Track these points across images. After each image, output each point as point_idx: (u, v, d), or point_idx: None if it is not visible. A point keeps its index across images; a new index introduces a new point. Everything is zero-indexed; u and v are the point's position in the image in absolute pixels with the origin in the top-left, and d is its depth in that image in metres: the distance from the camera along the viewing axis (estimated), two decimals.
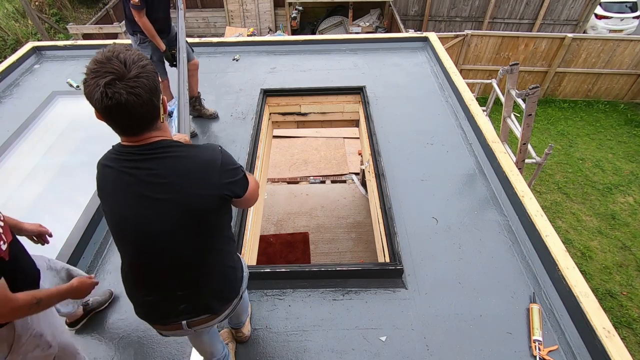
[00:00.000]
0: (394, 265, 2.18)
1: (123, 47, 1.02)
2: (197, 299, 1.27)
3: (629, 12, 10.60)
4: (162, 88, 3.15)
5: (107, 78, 0.92)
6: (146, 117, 1.03)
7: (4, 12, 10.34)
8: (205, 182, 1.11)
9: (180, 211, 1.10)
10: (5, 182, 2.81)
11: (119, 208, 1.12)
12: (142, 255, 1.17)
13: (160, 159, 1.07)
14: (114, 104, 0.94)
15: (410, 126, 3.30)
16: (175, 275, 1.22)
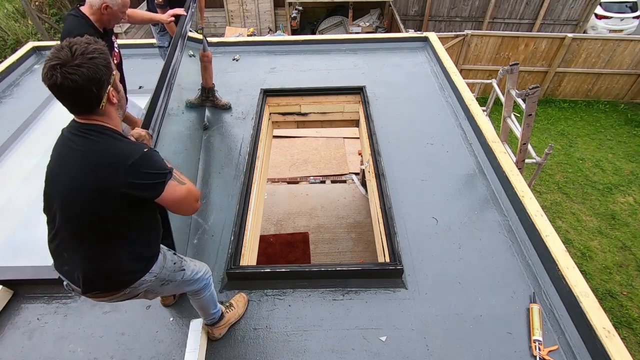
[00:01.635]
0: (394, 265, 2.18)
1: (85, 40, 1.17)
2: (74, 269, 1.34)
3: (629, 12, 10.60)
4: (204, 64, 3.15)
5: (52, 62, 1.11)
6: (80, 101, 1.18)
7: (4, 12, 10.34)
8: (106, 174, 1.19)
9: (78, 189, 1.22)
10: (5, 182, 2.81)
11: (50, 164, 1.30)
12: (49, 206, 1.31)
13: (84, 138, 1.22)
14: (52, 84, 1.11)
15: (410, 126, 3.30)
16: (66, 241, 1.33)
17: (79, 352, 1.89)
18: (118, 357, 1.87)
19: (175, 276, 1.55)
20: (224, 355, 1.88)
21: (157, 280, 1.47)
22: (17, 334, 1.97)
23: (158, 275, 1.46)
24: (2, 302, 2.06)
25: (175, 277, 1.55)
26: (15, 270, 2.14)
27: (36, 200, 2.70)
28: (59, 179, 1.25)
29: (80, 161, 1.21)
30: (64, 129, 1.28)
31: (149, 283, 1.44)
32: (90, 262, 1.33)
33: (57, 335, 1.96)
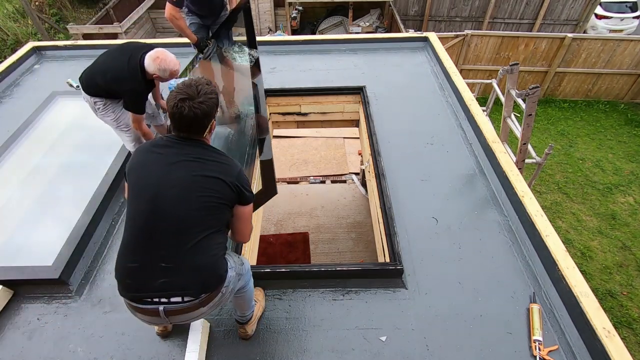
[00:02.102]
0: (394, 265, 2.18)
1: (205, 81, 1.45)
2: (176, 276, 1.34)
3: (629, 12, 10.60)
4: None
5: (182, 96, 1.38)
6: (194, 127, 1.44)
7: (4, 12, 10.34)
8: (224, 170, 1.44)
9: (198, 181, 1.38)
10: (6, 182, 2.81)
11: (149, 174, 1.41)
12: (153, 214, 1.35)
13: (190, 147, 1.45)
14: (177, 112, 1.39)
15: (410, 126, 3.30)
16: (169, 244, 1.34)
17: (79, 352, 1.89)
18: (118, 357, 1.87)
19: (242, 269, 1.60)
20: (224, 355, 1.88)
21: (236, 275, 1.52)
22: (17, 334, 1.97)
23: (235, 268, 1.51)
24: (2, 302, 2.06)
25: (242, 270, 1.60)
26: (15, 270, 2.14)
27: (36, 200, 2.70)
28: (173, 177, 1.38)
29: (194, 162, 1.41)
30: (163, 140, 1.47)
31: (233, 278, 1.49)
32: (199, 256, 1.35)
33: (57, 335, 1.96)
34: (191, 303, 1.36)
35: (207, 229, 1.38)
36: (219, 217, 1.43)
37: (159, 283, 1.33)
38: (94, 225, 2.45)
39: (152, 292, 1.34)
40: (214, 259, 1.41)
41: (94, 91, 2.44)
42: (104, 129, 3.38)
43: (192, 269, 1.35)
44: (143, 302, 1.35)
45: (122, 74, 2.27)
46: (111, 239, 2.44)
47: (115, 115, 2.53)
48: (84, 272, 2.25)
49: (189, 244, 1.34)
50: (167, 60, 2.27)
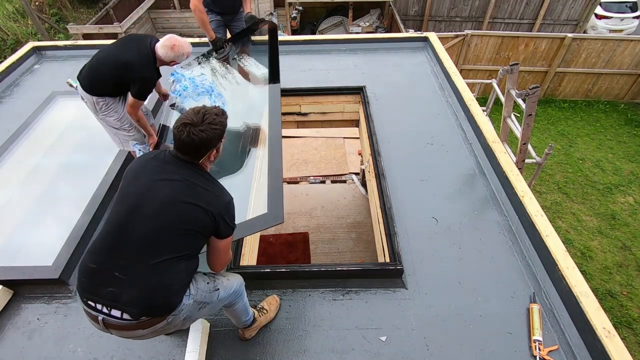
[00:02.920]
0: (394, 265, 2.18)
1: (215, 111, 1.48)
2: (125, 289, 1.30)
3: (629, 12, 10.59)
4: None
5: (186, 121, 1.42)
6: (190, 153, 1.46)
7: (4, 12, 10.34)
8: (210, 199, 1.42)
9: (180, 202, 1.38)
10: (6, 182, 2.81)
11: (137, 182, 1.43)
12: (127, 220, 1.35)
13: (185, 169, 1.46)
14: (177, 135, 1.42)
15: (410, 126, 3.30)
16: (131, 255, 1.32)
17: (79, 352, 1.89)
18: (118, 357, 1.87)
19: (212, 297, 1.53)
20: (224, 355, 1.88)
21: (195, 304, 1.45)
22: (17, 334, 1.97)
23: (195, 296, 1.44)
24: (2, 302, 2.06)
25: (211, 298, 1.53)
26: (15, 270, 2.14)
27: (36, 200, 2.70)
28: (157, 192, 1.38)
29: (182, 184, 1.41)
30: (167, 154, 1.50)
31: (188, 307, 1.42)
32: (154, 277, 1.31)
33: (57, 335, 1.96)
34: (128, 322, 1.31)
35: (173, 252, 1.35)
36: (190, 244, 1.40)
37: (107, 291, 1.30)
38: (94, 225, 2.44)
39: (98, 298, 1.31)
40: (169, 284, 1.34)
41: (98, 88, 2.41)
42: (104, 128, 3.39)
43: (142, 288, 1.31)
44: (88, 305, 1.33)
45: (134, 61, 2.29)
46: None
47: (119, 115, 2.53)
48: None
49: (149, 262, 1.31)
50: (183, 45, 2.36)
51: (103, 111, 2.49)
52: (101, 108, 2.48)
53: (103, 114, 2.51)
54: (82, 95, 2.48)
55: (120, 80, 2.37)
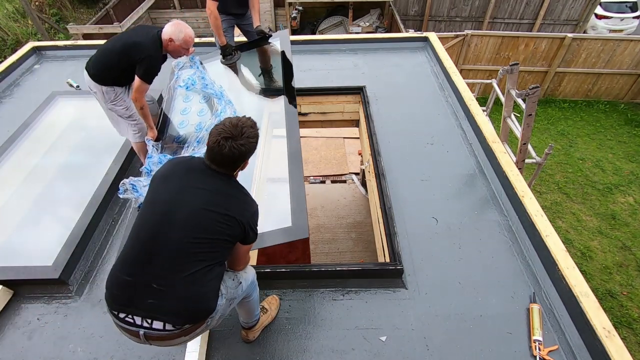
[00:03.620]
0: (394, 265, 2.18)
1: (250, 124, 1.48)
2: (165, 300, 1.30)
3: (629, 12, 10.59)
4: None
5: (226, 135, 1.41)
6: (227, 165, 1.47)
7: (4, 12, 10.34)
8: (239, 209, 1.44)
9: (212, 212, 1.38)
10: (6, 182, 2.81)
11: (172, 187, 1.43)
12: (160, 229, 1.34)
13: (217, 179, 1.47)
14: (217, 148, 1.41)
15: (410, 126, 3.30)
16: (167, 264, 1.31)
17: (79, 352, 1.89)
18: (118, 357, 1.87)
19: (237, 291, 1.56)
20: (224, 355, 1.88)
21: (227, 302, 1.49)
22: (17, 334, 1.97)
23: (226, 295, 1.47)
24: (2, 302, 2.06)
25: (237, 292, 1.56)
26: (15, 270, 2.14)
27: (36, 200, 2.70)
28: (190, 201, 1.39)
29: (215, 194, 1.43)
30: (196, 162, 1.51)
31: (222, 307, 1.45)
32: (192, 286, 1.32)
33: (57, 335, 1.96)
34: (171, 333, 1.32)
35: (207, 260, 1.36)
36: (222, 251, 1.43)
37: (147, 302, 1.30)
38: (94, 225, 2.45)
39: (137, 310, 1.30)
40: (206, 291, 1.36)
41: (106, 74, 2.44)
42: (104, 129, 3.38)
43: (182, 298, 1.31)
44: (125, 322, 1.32)
45: (142, 41, 2.36)
46: (111, 239, 2.44)
47: (126, 104, 2.57)
48: (84, 272, 2.25)
49: (185, 272, 1.31)
50: (185, 26, 2.43)
51: (112, 101, 2.53)
52: (110, 98, 2.51)
53: (112, 104, 2.55)
54: (90, 86, 2.50)
55: (127, 62, 2.39)
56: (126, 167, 2.88)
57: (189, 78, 3.16)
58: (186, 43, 2.42)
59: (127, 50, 2.36)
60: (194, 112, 3.00)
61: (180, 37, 2.38)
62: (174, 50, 2.45)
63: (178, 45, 2.41)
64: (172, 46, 2.42)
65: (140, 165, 2.97)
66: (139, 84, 2.41)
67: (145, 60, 2.36)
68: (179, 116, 2.99)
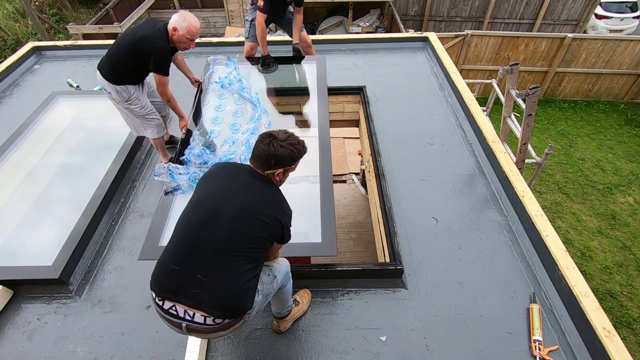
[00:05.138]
0: (394, 265, 2.18)
1: (301, 140, 1.59)
2: (208, 292, 1.36)
3: (629, 12, 10.59)
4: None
5: (270, 132, 1.55)
6: (263, 161, 1.52)
7: (4, 12, 10.34)
8: (277, 209, 1.51)
9: (255, 211, 1.45)
10: (6, 182, 2.81)
11: (219, 186, 1.52)
12: (206, 225, 1.41)
13: (259, 180, 1.54)
14: (258, 143, 1.53)
15: (410, 126, 3.30)
16: (211, 260, 1.37)
17: (79, 352, 1.89)
18: (118, 357, 1.87)
19: (273, 286, 1.60)
20: (224, 355, 1.88)
21: (263, 298, 1.53)
22: (17, 334, 1.97)
23: (262, 292, 1.52)
24: (2, 302, 2.06)
25: (273, 287, 1.60)
26: (15, 270, 2.14)
27: (36, 200, 2.70)
28: (235, 200, 1.46)
29: (258, 194, 1.50)
30: (241, 166, 1.62)
31: (259, 303, 1.50)
32: (234, 281, 1.38)
33: (57, 335, 1.96)
34: (211, 327, 1.39)
35: (248, 259, 1.42)
36: (262, 250, 1.48)
37: (192, 292, 1.35)
38: (94, 225, 2.45)
39: (182, 298, 1.36)
40: (246, 289, 1.42)
41: (118, 72, 2.44)
42: (104, 129, 3.38)
43: (224, 292, 1.37)
44: (169, 313, 1.39)
45: (149, 33, 2.37)
46: (111, 239, 2.44)
47: (141, 103, 2.59)
48: (84, 272, 2.25)
49: (227, 268, 1.38)
50: (190, 15, 2.42)
51: (127, 100, 2.53)
52: (124, 97, 2.51)
53: (127, 103, 2.55)
54: (104, 86, 2.50)
55: (135, 56, 2.40)
56: (126, 167, 2.88)
57: (225, 77, 3.18)
58: (190, 33, 2.40)
59: (134, 45, 2.37)
60: (228, 111, 3.03)
61: (183, 26, 2.36)
62: (178, 41, 2.43)
63: (182, 35, 2.39)
64: (176, 36, 2.40)
65: (149, 162, 2.98)
66: (158, 78, 2.48)
67: (152, 53, 2.37)
68: (212, 112, 3.01)
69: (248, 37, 3.68)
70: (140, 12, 10.01)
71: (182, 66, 2.94)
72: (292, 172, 1.65)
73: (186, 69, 3.00)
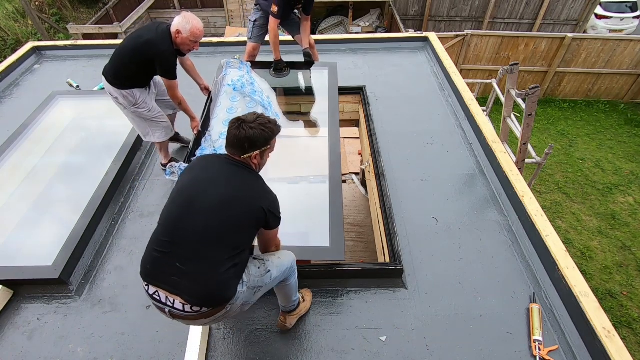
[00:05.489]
0: (394, 265, 2.18)
1: (272, 119, 1.58)
2: (185, 280, 1.38)
3: (629, 12, 10.59)
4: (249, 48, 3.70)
5: (239, 117, 1.55)
6: (237, 147, 1.52)
7: (4, 12, 10.34)
8: (259, 194, 1.52)
9: (234, 198, 1.46)
10: (6, 182, 2.81)
11: (196, 176, 1.54)
12: (185, 214, 1.44)
13: (236, 167, 1.54)
14: (230, 129, 1.53)
15: (410, 126, 3.30)
16: (190, 247, 1.40)
17: (79, 352, 1.89)
18: (118, 357, 1.87)
19: (264, 280, 1.59)
20: (224, 355, 1.88)
21: (249, 290, 1.52)
22: (17, 334, 1.97)
23: (248, 283, 1.51)
24: (2, 302, 2.06)
25: (264, 281, 1.58)
26: (15, 270, 2.14)
27: (36, 200, 2.70)
28: (212, 189, 1.47)
29: (236, 181, 1.51)
30: (217, 155, 1.64)
31: (243, 294, 1.49)
32: (211, 271, 1.38)
33: (57, 335, 1.96)
34: (191, 314, 1.40)
35: (229, 247, 1.42)
36: (245, 237, 1.49)
37: (172, 279, 1.39)
38: (94, 225, 2.45)
39: (160, 284, 1.40)
40: (225, 278, 1.41)
41: (123, 76, 2.42)
42: (104, 129, 3.38)
43: (199, 280, 1.38)
44: (154, 298, 1.43)
45: (152, 37, 2.36)
46: (111, 239, 2.44)
47: (148, 106, 2.58)
48: (84, 272, 2.25)
49: (206, 256, 1.39)
50: (193, 17, 2.41)
51: (134, 104, 2.51)
52: (131, 102, 2.50)
53: (134, 107, 2.53)
54: (110, 91, 2.48)
55: (139, 60, 2.39)
56: (126, 167, 2.88)
57: (238, 79, 3.19)
58: (193, 35, 2.38)
59: (138, 49, 2.36)
60: (239, 113, 3.03)
61: (187, 28, 2.34)
62: (182, 43, 2.40)
63: (185, 38, 2.37)
64: (180, 38, 2.37)
65: (149, 162, 2.98)
66: (167, 82, 2.49)
67: (158, 57, 2.36)
68: (224, 113, 3.01)
69: (251, 38, 3.68)
70: (140, 12, 10.01)
71: (192, 72, 2.92)
72: (271, 153, 1.64)
73: (196, 75, 2.97)
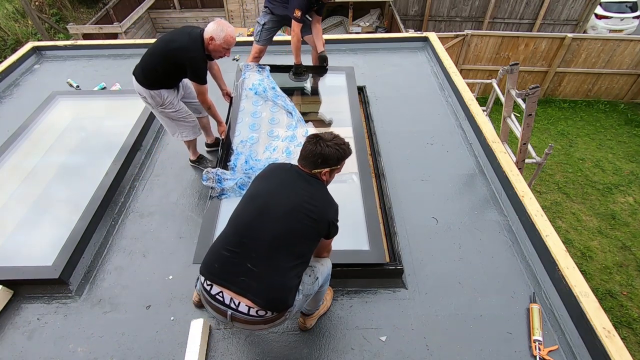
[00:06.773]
0: (394, 265, 2.18)
1: (346, 141, 1.66)
2: (255, 281, 1.42)
3: (629, 12, 10.58)
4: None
5: (317, 134, 1.63)
6: (310, 161, 1.60)
7: (4, 12, 10.34)
8: (324, 208, 1.57)
9: (304, 209, 1.51)
10: (6, 182, 2.81)
11: (269, 185, 1.62)
12: (258, 219, 1.49)
13: (306, 180, 1.61)
14: (306, 144, 1.62)
15: (410, 126, 3.30)
16: (261, 251, 1.44)
17: (79, 352, 1.89)
18: (118, 357, 1.87)
19: (314, 287, 1.64)
20: (224, 355, 1.88)
21: (303, 298, 1.58)
22: (17, 334, 1.97)
23: (303, 291, 1.56)
24: (2, 302, 2.06)
25: (314, 288, 1.64)
26: (15, 270, 2.14)
27: (36, 200, 2.70)
28: (284, 199, 1.53)
29: (306, 193, 1.57)
30: (290, 166, 1.69)
31: (299, 302, 1.55)
32: (279, 276, 1.43)
33: (57, 335, 1.96)
34: (254, 319, 1.44)
35: (294, 254, 1.48)
36: (309, 247, 1.54)
37: (240, 279, 1.42)
38: (94, 225, 2.45)
39: (230, 285, 1.43)
40: (289, 286, 1.46)
41: (151, 78, 2.44)
42: (104, 129, 3.39)
43: (269, 283, 1.43)
44: (216, 299, 1.44)
45: (184, 42, 2.37)
46: (111, 239, 2.44)
47: (175, 107, 2.60)
48: (84, 272, 2.25)
49: (274, 261, 1.44)
50: (227, 25, 2.41)
51: (161, 105, 2.54)
52: (158, 102, 2.52)
53: (162, 107, 2.56)
54: (139, 91, 2.50)
55: (170, 64, 2.40)
56: (126, 167, 2.88)
57: (259, 84, 3.20)
58: (227, 43, 2.38)
59: (169, 53, 2.37)
60: (264, 118, 3.07)
61: (221, 36, 2.34)
62: (214, 50, 2.41)
63: (219, 45, 2.37)
64: (213, 45, 2.38)
65: (149, 163, 2.97)
66: (197, 87, 2.51)
67: (189, 62, 2.37)
68: (249, 118, 3.04)
69: (258, 41, 3.68)
70: (140, 12, 10.00)
71: (217, 77, 2.93)
72: (337, 173, 1.71)
73: (221, 80, 2.98)
